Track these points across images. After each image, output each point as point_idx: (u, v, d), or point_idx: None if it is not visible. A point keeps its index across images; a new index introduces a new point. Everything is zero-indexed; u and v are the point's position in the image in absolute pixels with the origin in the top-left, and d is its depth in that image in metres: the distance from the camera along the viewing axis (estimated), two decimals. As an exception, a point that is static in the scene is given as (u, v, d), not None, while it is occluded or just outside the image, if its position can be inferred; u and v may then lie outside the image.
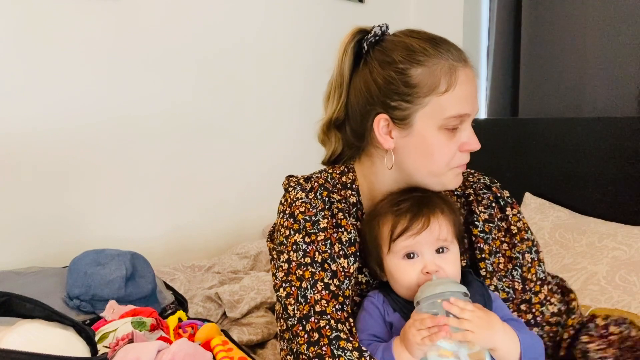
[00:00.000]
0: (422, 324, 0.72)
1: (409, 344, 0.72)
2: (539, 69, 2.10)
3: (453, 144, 0.82)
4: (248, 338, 1.33)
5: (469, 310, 0.72)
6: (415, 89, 0.80)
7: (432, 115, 0.80)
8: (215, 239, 2.11)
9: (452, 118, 0.80)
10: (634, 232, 1.54)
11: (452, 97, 0.79)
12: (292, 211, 0.86)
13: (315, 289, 0.79)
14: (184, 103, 1.99)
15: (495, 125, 2.18)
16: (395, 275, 0.82)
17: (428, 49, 0.81)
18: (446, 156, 0.82)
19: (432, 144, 0.81)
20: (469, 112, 0.81)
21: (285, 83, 2.25)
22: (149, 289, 1.29)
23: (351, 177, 0.92)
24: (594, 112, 1.91)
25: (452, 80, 0.79)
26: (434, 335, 0.70)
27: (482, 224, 0.92)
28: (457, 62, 0.80)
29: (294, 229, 0.84)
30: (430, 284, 0.76)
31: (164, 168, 1.96)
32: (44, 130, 1.68)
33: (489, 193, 0.94)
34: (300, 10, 2.26)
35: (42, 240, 1.70)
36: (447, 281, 0.77)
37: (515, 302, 0.90)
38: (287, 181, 0.92)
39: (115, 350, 0.89)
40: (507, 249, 0.91)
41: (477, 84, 0.83)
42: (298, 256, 0.82)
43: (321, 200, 0.86)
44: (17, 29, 1.60)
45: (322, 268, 0.81)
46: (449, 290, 0.75)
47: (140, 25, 1.85)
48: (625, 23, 1.82)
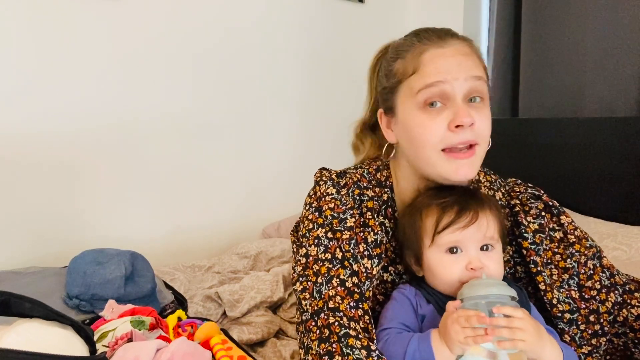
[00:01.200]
0: (467, 322, 0.68)
1: (449, 339, 0.69)
2: (539, 69, 2.10)
3: (438, 123, 0.78)
4: (248, 337, 1.33)
5: (520, 318, 0.68)
6: (393, 79, 0.84)
7: (407, 97, 0.82)
8: (215, 239, 2.11)
9: (422, 91, 0.79)
10: (634, 232, 1.54)
11: (419, 76, 0.80)
12: (319, 205, 0.85)
13: (330, 284, 0.77)
14: (185, 104, 1.99)
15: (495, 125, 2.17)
16: (436, 269, 0.79)
17: (406, 41, 0.84)
18: (430, 135, 0.78)
19: (413, 125, 0.80)
20: (439, 80, 0.78)
21: (285, 83, 2.25)
22: (148, 288, 1.29)
23: (386, 174, 0.91)
24: (594, 112, 1.91)
25: (418, 61, 0.80)
26: (479, 337, 0.67)
27: (532, 235, 0.88)
28: (428, 44, 0.81)
29: (318, 223, 0.83)
30: (479, 283, 0.73)
31: (164, 168, 1.96)
32: (44, 131, 1.68)
33: (537, 202, 0.91)
34: (300, 11, 2.26)
35: (42, 240, 1.70)
36: (496, 282, 0.73)
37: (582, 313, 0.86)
38: (320, 174, 0.91)
39: (115, 349, 0.89)
40: (560, 260, 0.88)
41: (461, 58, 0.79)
42: (319, 251, 0.80)
43: (352, 198, 0.86)
44: (18, 30, 1.60)
45: (341, 265, 0.79)
46: (499, 293, 0.71)
47: (141, 27, 1.85)
48: (625, 23, 1.82)
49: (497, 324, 0.67)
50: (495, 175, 0.97)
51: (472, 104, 0.80)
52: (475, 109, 0.79)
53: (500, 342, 0.67)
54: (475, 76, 0.79)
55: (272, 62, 2.21)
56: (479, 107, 0.80)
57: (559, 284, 0.87)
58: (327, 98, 2.31)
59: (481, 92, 0.81)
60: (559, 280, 0.87)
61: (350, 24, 2.39)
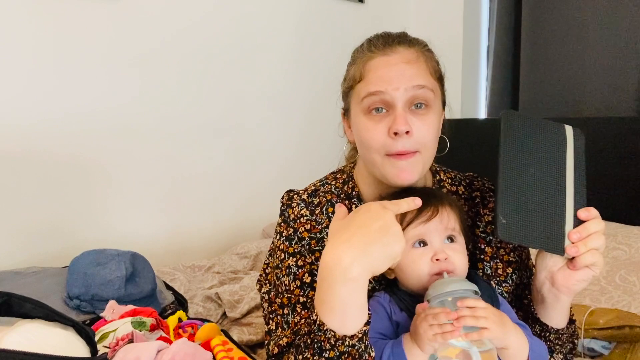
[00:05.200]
0: (434, 319, 0.70)
1: (419, 339, 0.71)
2: (539, 69, 2.10)
3: (378, 129, 0.81)
4: (248, 338, 1.33)
5: (483, 308, 0.71)
6: (347, 83, 0.88)
7: (356, 103, 0.85)
8: (215, 239, 2.11)
9: (365, 98, 0.82)
10: (634, 232, 1.54)
11: (364, 83, 0.83)
12: (296, 227, 0.87)
13: (295, 312, 0.81)
14: (185, 103, 1.99)
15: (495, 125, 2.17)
16: (405, 266, 0.80)
17: (361, 47, 0.88)
18: (373, 140, 0.81)
19: (360, 128, 0.84)
20: (380, 89, 0.80)
21: (286, 83, 2.25)
22: (148, 289, 1.29)
23: (352, 184, 0.93)
24: (594, 112, 1.91)
25: (364, 69, 0.84)
26: (447, 333, 0.69)
27: (484, 225, 0.92)
28: (376, 52, 0.84)
29: (289, 252, 0.86)
30: (442, 282, 0.76)
31: (164, 168, 1.96)
32: (44, 131, 1.68)
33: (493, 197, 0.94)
34: (300, 11, 2.26)
35: (42, 240, 1.70)
36: (458, 280, 0.76)
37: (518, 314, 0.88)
38: (288, 197, 0.92)
39: (115, 350, 0.89)
40: (505, 254, 0.91)
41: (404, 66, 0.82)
42: (289, 280, 0.84)
43: (326, 217, 0.88)
44: (19, 30, 1.60)
45: (311, 288, 0.82)
46: (462, 289, 0.73)
47: (142, 26, 1.85)
48: (625, 23, 1.82)
49: (462, 314, 0.70)
50: (454, 172, 1.00)
51: (415, 110, 0.82)
52: (418, 116, 0.81)
53: (467, 335, 0.69)
54: (417, 85, 0.81)
55: (272, 62, 2.21)
56: (422, 114, 0.82)
57: (503, 278, 0.90)
58: (327, 98, 2.31)
59: (425, 99, 0.82)
60: (503, 275, 0.90)
61: (350, 24, 2.39)
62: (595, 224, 0.75)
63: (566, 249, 0.74)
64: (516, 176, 0.78)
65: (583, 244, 0.74)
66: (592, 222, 0.75)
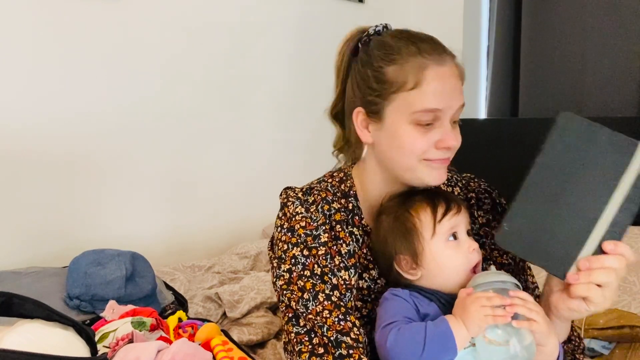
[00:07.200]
0: (488, 301, 0.71)
1: (469, 317, 0.71)
2: (539, 69, 2.10)
3: (426, 140, 0.81)
4: (248, 338, 1.33)
5: (533, 302, 0.72)
6: (385, 85, 0.82)
7: (401, 111, 0.81)
8: (215, 239, 2.11)
9: (419, 113, 0.80)
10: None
11: (419, 94, 0.79)
12: (291, 225, 0.86)
13: (317, 300, 0.80)
14: (185, 103, 1.99)
15: (495, 125, 2.18)
16: (441, 260, 0.81)
17: (402, 47, 0.82)
18: (416, 148, 0.81)
19: (402, 137, 0.82)
20: (439, 108, 0.79)
21: (285, 83, 2.25)
22: (148, 289, 1.29)
23: (349, 184, 0.93)
24: (594, 112, 1.91)
25: (420, 77, 0.79)
26: (499, 317, 0.70)
27: (478, 227, 0.92)
28: (429, 60, 0.80)
29: (292, 243, 0.85)
30: (489, 273, 0.77)
31: (164, 168, 1.96)
32: (44, 131, 1.68)
33: (489, 199, 0.95)
34: (300, 11, 2.26)
35: (42, 240, 1.70)
36: (504, 273, 0.78)
37: None
38: (285, 195, 0.92)
39: (115, 350, 0.89)
40: (499, 256, 0.92)
41: (455, 82, 0.82)
42: (297, 269, 0.83)
43: (322, 214, 0.87)
44: (19, 30, 1.60)
45: (321, 280, 0.81)
46: (511, 281, 0.75)
47: (142, 26, 1.85)
48: (625, 23, 1.82)
49: (516, 302, 0.71)
50: (450, 173, 1.00)
51: (454, 125, 0.84)
52: (455, 131, 0.84)
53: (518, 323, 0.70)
54: (462, 105, 0.83)
55: (272, 62, 2.21)
56: (457, 128, 0.85)
57: None
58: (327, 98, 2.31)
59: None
60: None
61: (350, 24, 2.38)
62: (614, 260, 0.69)
63: (567, 274, 0.71)
64: (544, 188, 0.72)
65: (586, 274, 0.69)
66: (611, 257, 0.69)
